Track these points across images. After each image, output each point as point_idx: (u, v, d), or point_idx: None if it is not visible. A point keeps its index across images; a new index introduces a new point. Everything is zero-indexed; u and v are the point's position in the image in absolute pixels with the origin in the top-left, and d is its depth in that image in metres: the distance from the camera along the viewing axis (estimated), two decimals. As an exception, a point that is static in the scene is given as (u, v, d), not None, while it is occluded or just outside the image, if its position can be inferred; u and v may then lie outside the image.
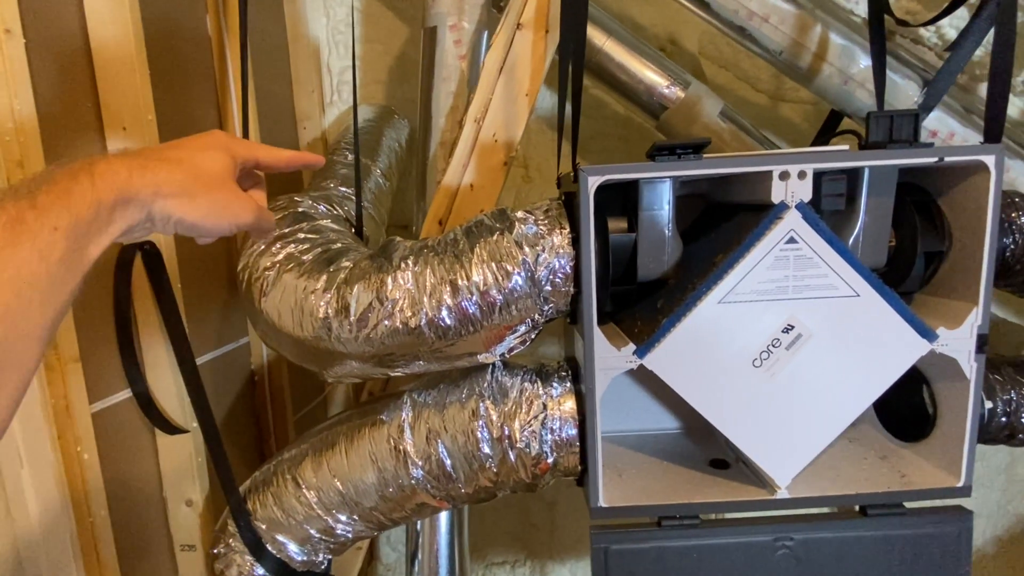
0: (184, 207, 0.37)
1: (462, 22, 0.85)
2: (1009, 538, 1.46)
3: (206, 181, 0.38)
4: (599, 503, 0.60)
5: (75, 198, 0.32)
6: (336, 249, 0.62)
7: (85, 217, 0.32)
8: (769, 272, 0.55)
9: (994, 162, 0.54)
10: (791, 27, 0.81)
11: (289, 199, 0.76)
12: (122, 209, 0.34)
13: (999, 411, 0.64)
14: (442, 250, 0.58)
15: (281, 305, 0.59)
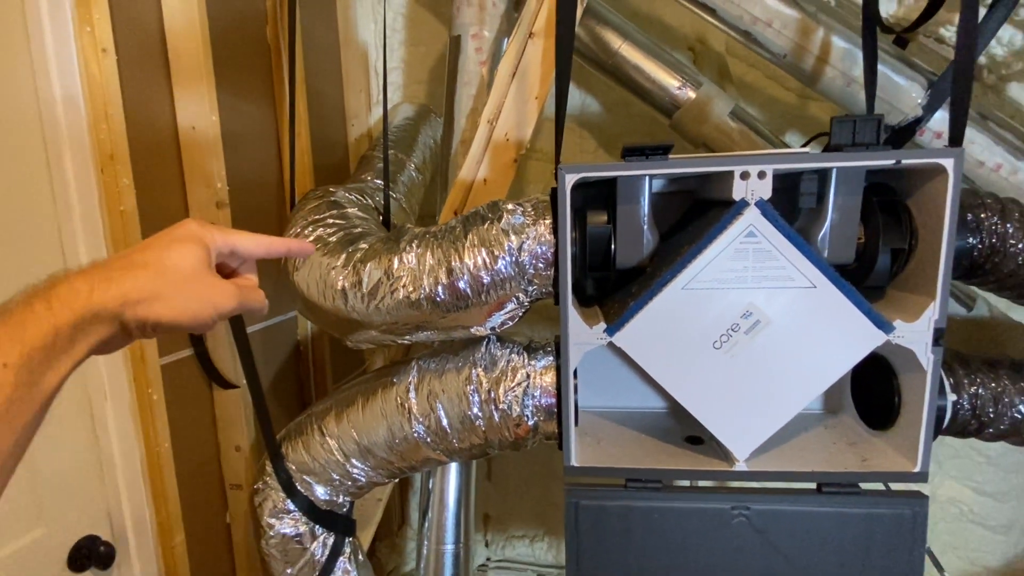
0: (157, 310, 0.35)
1: (483, 31, 0.93)
2: (1046, 555, 1.40)
3: (176, 279, 0.36)
4: (571, 462, 0.68)
5: (28, 329, 0.31)
6: (357, 233, 0.73)
7: (40, 346, 0.31)
8: (730, 263, 0.61)
9: (952, 165, 0.57)
10: (793, 31, 0.84)
11: (325, 189, 0.88)
12: (86, 328, 0.33)
13: (965, 405, 0.66)
14: (442, 236, 0.67)
15: (309, 279, 0.70)
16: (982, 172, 0.82)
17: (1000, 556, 1.39)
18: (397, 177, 1.15)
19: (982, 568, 1.42)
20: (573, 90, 1.41)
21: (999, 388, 0.66)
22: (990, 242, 0.62)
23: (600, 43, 1.02)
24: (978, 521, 1.39)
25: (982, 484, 1.36)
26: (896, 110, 0.82)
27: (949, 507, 1.40)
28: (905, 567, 0.66)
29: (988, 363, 0.69)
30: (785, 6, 0.84)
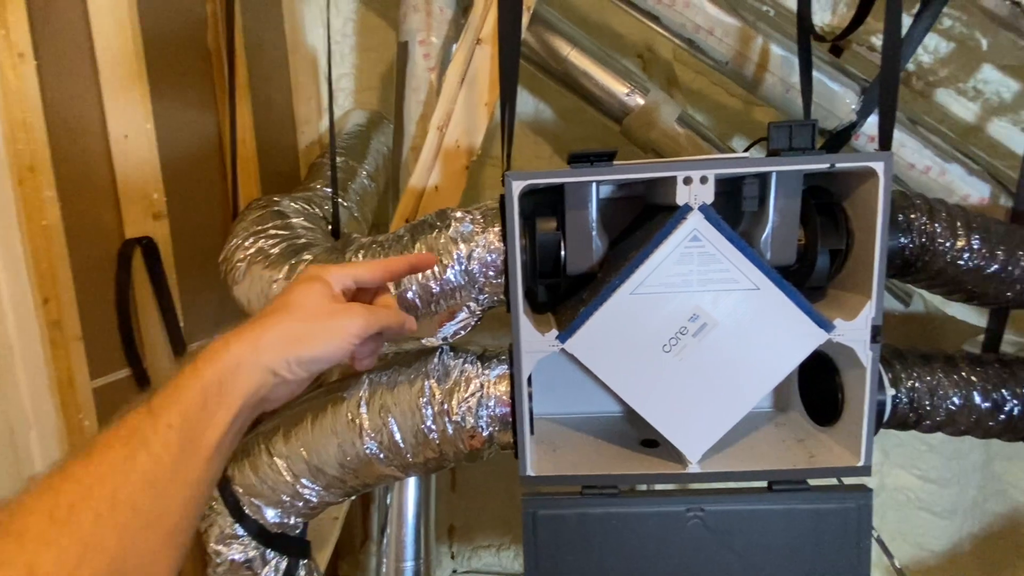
0: (291, 346, 0.37)
1: (431, 37, 0.92)
2: (985, 536, 1.48)
3: (302, 314, 0.39)
4: (527, 472, 0.67)
5: (182, 391, 0.34)
6: (301, 243, 0.70)
7: (194, 405, 0.34)
8: (676, 267, 0.62)
9: (883, 168, 0.59)
10: (734, 39, 0.87)
11: (269, 199, 0.85)
12: (232, 382, 0.35)
13: (904, 398, 0.69)
14: (389, 245, 0.66)
15: (250, 292, 0.67)
16: (913, 174, 0.86)
17: (946, 540, 1.46)
18: (348, 185, 1.12)
19: (929, 552, 1.48)
20: (526, 96, 1.41)
21: (934, 381, 0.69)
22: (920, 241, 0.65)
23: (549, 50, 1.03)
24: (924, 507, 1.45)
25: (926, 471, 1.43)
26: (832, 115, 0.86)
27: (897, 495, 1.46)
28: (852, 559, 0.68)
29: (923, 357, 0.71)
30: (725, 14, 0.86)
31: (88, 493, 0.29)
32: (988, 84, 0.92)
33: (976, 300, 0.69)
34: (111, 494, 0.29)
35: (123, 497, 0.29)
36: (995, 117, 0.96)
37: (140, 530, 0.30)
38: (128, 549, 0.29)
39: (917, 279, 0.68)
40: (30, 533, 0.27)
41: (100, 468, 0.30)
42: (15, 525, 0.27)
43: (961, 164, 0.87)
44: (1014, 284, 0.65)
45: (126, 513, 0.29)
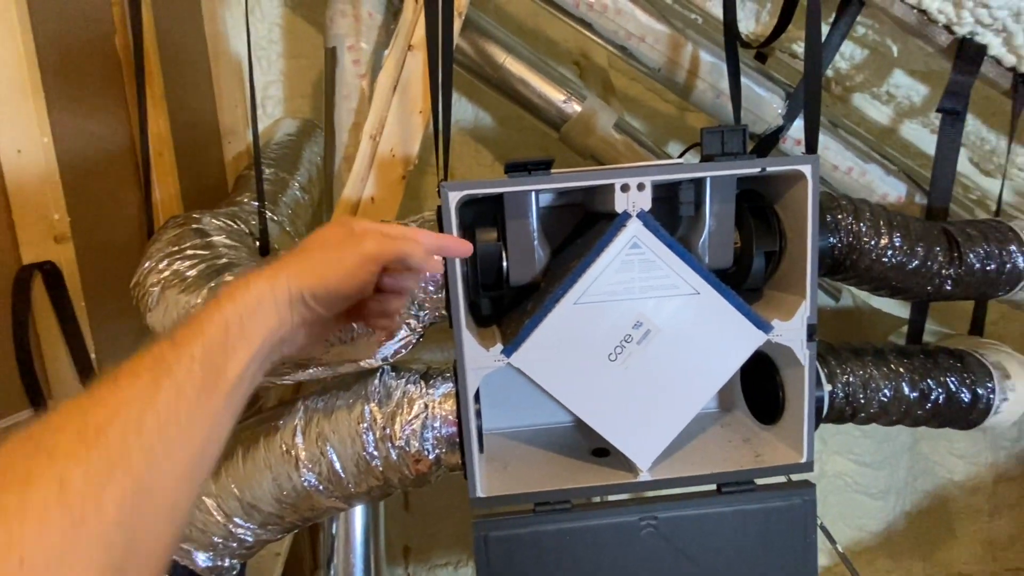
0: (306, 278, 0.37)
1: (360, 43, 0.89)
2: (917, 513, 1.57)
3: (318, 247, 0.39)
4: (477, 494, 0.64)
5: (203, 323, 0.34)
6: (223, 264, 0.65)
7: (215, 340, 0.34)
8: (618, 275, 0.61)
9: (810, 171, 0.61)
10: (665, 46, 0.88)
11: (188, 216, 0.79)
12: (251, 318, 0.35)
13: (840, 393, 0.71)
14: (318, 263, 0.62)
15: (165, 320, 0.62)
16: (837, 175, 0.90)
17: (881, 520, 1.54)
18: (278, 198, 1.06)
19: (868, 533, 1.56)
20: (465, 104, 1.39)
21: (867, 375, 0.72)
22: (847, 240, 0.67)
23: (485, 57, 1.01)
24: (861, 490, 1.52)
25: (861, 456, 1.50)
26: (761, 120, 0.88)
27: (836, 480, 1.52)
28: (800, 552, 0.69)
29: (855, 352, 0.74)
30: (656, 22, 0.87)
31: (115, 415, 0.29)
32: (900, 88, 0.98)
33: (900, 295, 0.72)
34: (137, 418, 0.29)
35: (149, 423, 0.29)
36: (907, 119, 1.02)
37: (164, 458, 0.30)
38: (153, 474, 0.29)
39: (846, 277, 0.70)
40: (60, 449, 0.26)
41: (127, 393, 0.30)
42: (45, 441, 0.27)
43: (879, 165, 0.91)
44: (933, 278, 0.69)
45: (151, 438, 0.29)
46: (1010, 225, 0.73)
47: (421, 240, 0.42)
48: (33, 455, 0.26)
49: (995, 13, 0.73)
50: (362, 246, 0.39)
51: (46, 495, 0.25)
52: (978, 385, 0.74)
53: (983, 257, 0.69)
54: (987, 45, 0.78)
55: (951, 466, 1.53)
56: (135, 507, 0.27)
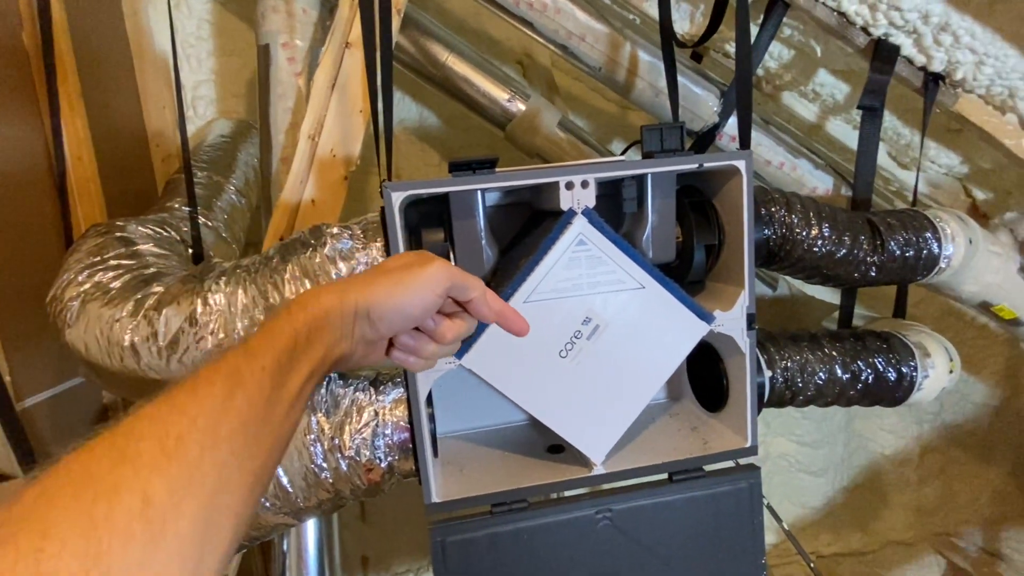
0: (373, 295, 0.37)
1: (294, 40, 0.85)
2: (854, 487, 1.67)
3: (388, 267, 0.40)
4: (432, 499, 0.63)
5: (275, 334, 0.34)
6: (150, 274, 0.61)
7: (285, 350, 0.34)
8: (565, 272, 0.61)
9: (744, 166, 0.63)
10: (605, 46, 0.89)
11: (110, 224, 0.73)
12: (318, 330, 0.35)
13: (779, 378, 0.75)
14: (256, 269, 0.59)
15: (87, 336, 0.57)
16: (770, 170, 0.94)
17: (822, 496, 1.63)
18: (213, 203, 1.01)
19: (810, 509, 1.64)
20: (410, 103, 1.37)
21: (803, 359, 0.76)
22: (781, 232, 0.70)
23: (427, 55, 1.00)
24: (802, 469, 1.60)
25: (801, 436, 1.58)
26: (698, 117, 0.91)
27: (780, 461, 1.60)
28: (748, 533, 0.71)
29: (791, 338, 0.78)
30: (595, 21, 0.88)
31: (193, 425, 0.29)
32: (824, 87, 1.03)
33: (830, 282, 0.76)
34: (213, 429, 0.29)
35: (223, 433, 0.30)
36: (832, 116, 1.08)
37: (235, 469, 0.30)
38: (224, 486, 0.29)
39: (781, 267, 0.73)
40: (143, 459, 0.27)
41: (204, 402, 0.30)
42: (129, 450, 0.27)
43: (808, 159, 0.96)
44: (859, 265, 0.73)
45: (224, 450, 0.30)
46: (925, 214, 0.79)
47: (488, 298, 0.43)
48: (119, 464, 0.26)
49: (906, 16, 0.78)
50: (431, 266, 0.40)
51: (130, 508, 0.25)
52: (902, 364, 0.79)
53: (903, 244, 0.73)
54: (900, 46, 0.83)
55: (882, 441, 1.63)
56: (207, 521, 0.28)
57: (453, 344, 0.44)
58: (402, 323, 0.40)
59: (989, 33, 0.77)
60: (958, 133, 1.04)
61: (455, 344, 0.44)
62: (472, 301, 0.42)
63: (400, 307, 0.38)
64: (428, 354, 0.43)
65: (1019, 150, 0.88)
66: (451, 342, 0.43)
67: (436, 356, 0.43)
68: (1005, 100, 0.85)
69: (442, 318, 0.42)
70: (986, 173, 1.08)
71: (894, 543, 1.68)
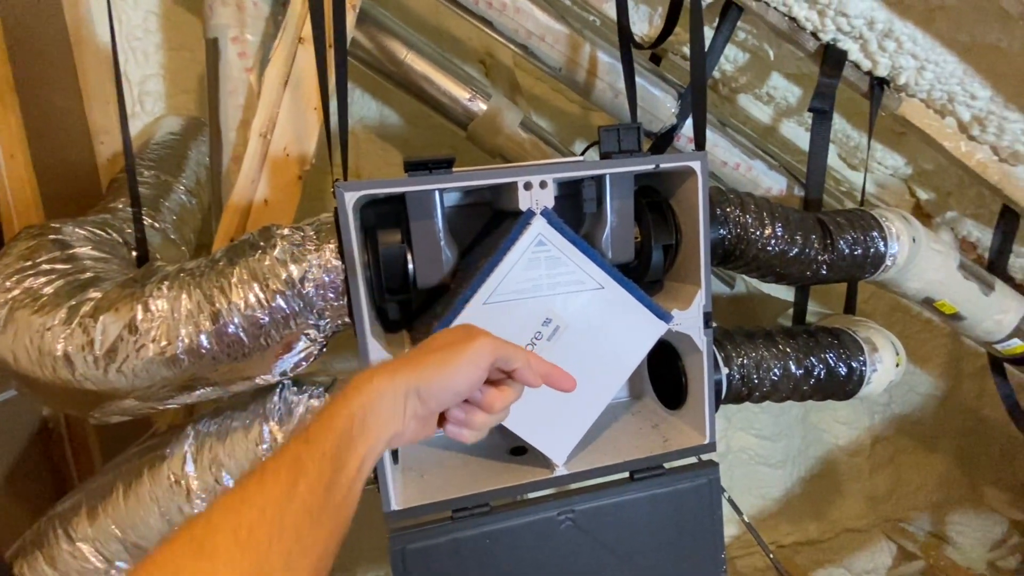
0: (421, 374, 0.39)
1: (245, 34, 0.82)
2: (811, 477, 1.72)
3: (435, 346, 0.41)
4: (391, 507, 0.62)
5: (332, 419, 0.35)
6: (86, 279, 0.58)
7: (343, 434, 0.35)
8: (525, 273, 0.61)
9: (700, 167, 0.64)
10: (565, 46, 0.89)
11: (45, 226, 0.69)
12: (372, 412, 0.36)
13: (736, 375, 0.76)
14: (201, 273, 0.56)
15: (15, 346, 0.54)
16: (726, 171, 0.96)
17: (781, 487, 1.68)
18: (160, 203, 0.97)
19: (770, 500, 1.69)
20: (370, 101, 1.34)
21: (759, 356, 0.77)
22: (736, 232, 0.71)
23: (386, 52, 0.98)
24: (762, 461, 1.65)
25: (761, 430, 1.62)
26: (656, 119, 0.92)
27: (741, 454, 1.64)
28: (708, 527, 0.73)
29: (747, 335, 0.79)
30: (555, 21, 0.88)
31: (262, 517, 0.31)
32: (777, 90, 1.06)
33: (783, 280, 0.78)
34: (280, 519, 0.31)
35: (288, 523, 0.31)
36: (785, 119, 1.11)
37: (299, 557, 0.32)
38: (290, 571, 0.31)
39: (737, 266, 0.75)
40: (219, 553, 0.29)
41: (271, 493, 0.32)
42: (207, 544, 0.29)
43: (763, 160, 0.99)
44: (810, 264, 0.75)
45: (290, 538, 0.31)
46: (872, 213, 0.82)
47: (533, 363, 0.44)
48: (197, 557, 0.29)
49: (852, 22, 0.81)
50: (476, 341, 0.41)
51: None
52: (853, 359, 0.81)
53: (851, 243, 0.76)
54: (847, 51, 0.86)
55: (836, 432, 1.69)
56: None
57: (503, 413, 0.45)
58: (451, 399, 0.41)
59: (929, 40, 0.81)
60: (902, 136, 1.09)
61: (505, 412, 0.45)
62: (517, 371, 0.43)
63: (448, 384, 0.40)
64: (479, 425, 0.44)
65: (958, 152, 0.92)
66: (500, 411, 0.44)
67: (487, 425, 0.44)
68: (945, 104, 0.88)
69: (489, 388, 0.43)
70: (928, 174, 1.13)
71: (848, 530, 1.74)
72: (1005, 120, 0.86)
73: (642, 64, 0.93)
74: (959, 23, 0.77)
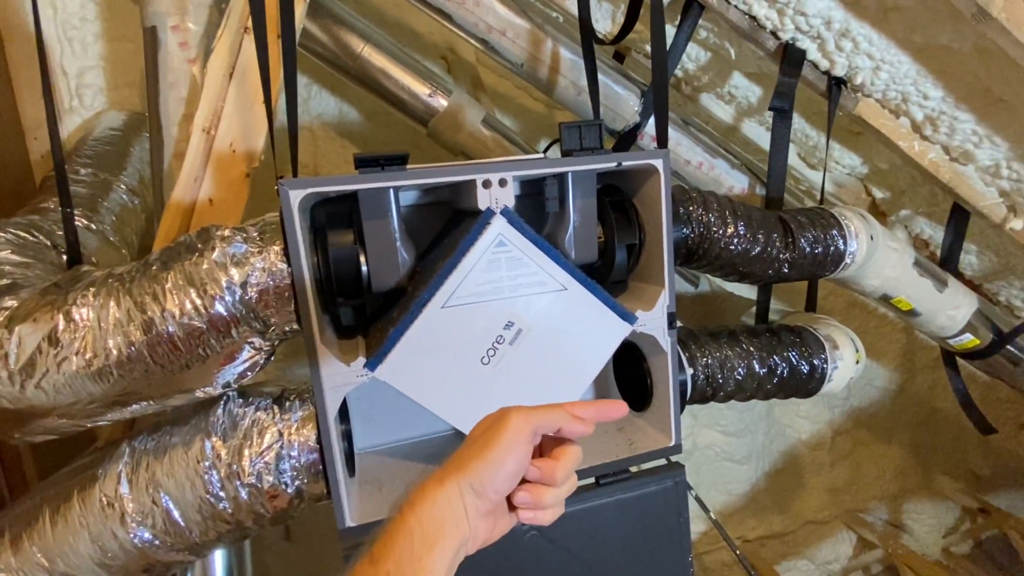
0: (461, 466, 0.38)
1: (186, 23, 0.77)
2: (775, 471, 1.75)
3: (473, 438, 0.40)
4: (346, 524, 0.58)
5: (395, 536, 0.36)
6: (3, 285, 0.53)
7: (405, 552, 0.35)
8: (485, 274, 0.58)
9: (662, 165, 0.63)
10: (526, 42, 0.87)
11: (-42, 228, 0.63)
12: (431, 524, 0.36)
13: (700, 375, 0.75)
14: (132, 278, 0.52)
15: (-82, 361, 0.48)
16: (689, 169, 0.96)
17: (746, 483, 1.70)
18: (99, 203, 0.91)
19: (736, 496, 1.71)
20: (328, 97, 1.30)
21: (723, 356, 0.77)
22: (699, 231, 0.71)
23: (341, 45, 0.94)
24: (728, 458, 1.67)
25: (726, 426, 1.64)
26: (620, 117, 0.91)
27: (707, 451, 1.65)
28: (675, 530, 0.72)
29: (711, 335, 0.79)
30: (516, 16, 0.86)
31: None
32: (739, 89, 1.07)
33: (746, 279, 0.78)
34: None
35: None
36: (747, 118, 1.12)
37: None
38: None
39: (700, 265, 0.74)
40: None
41: None
42: None
43: (725, 159, 0.99)
44: (772, 262, 0.75)
45: None
46: (832, 212, 0.82)
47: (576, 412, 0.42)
48: None
49: (810, 21, 0.81)
50: (508, 418, 0.40)
51: None
52: (814, 357, 0.82)
53: (812, 241, 0.76)
54: (806, 50, 0.86)
55: (799, 427, 1.73)
56: None
57: (570, 481, 0.43)
58: (506, 483, 0.40)
59: (884, 40, 0.82)
60: (859, 136, 1.11)
61: (572, 480, 0.43)
62: (562, 430, 0.42)
63: (497, 470, 0.39)
64: (550, 502, 0.42)
65: (911, 152, 0.94)
66: (564, 480, 0.42)
67: (560, 499, 0.42)
68: (899, 104, 0.90)
69: (547, 461, 0.42)
70: (883, 173, 1.15)
71: (811, 522, 1.78)
72: (956, 120, 0.88)
73: (605, 62, 0.92)
74: (913, 24, 0.79)
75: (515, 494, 0.41)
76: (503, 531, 0.42)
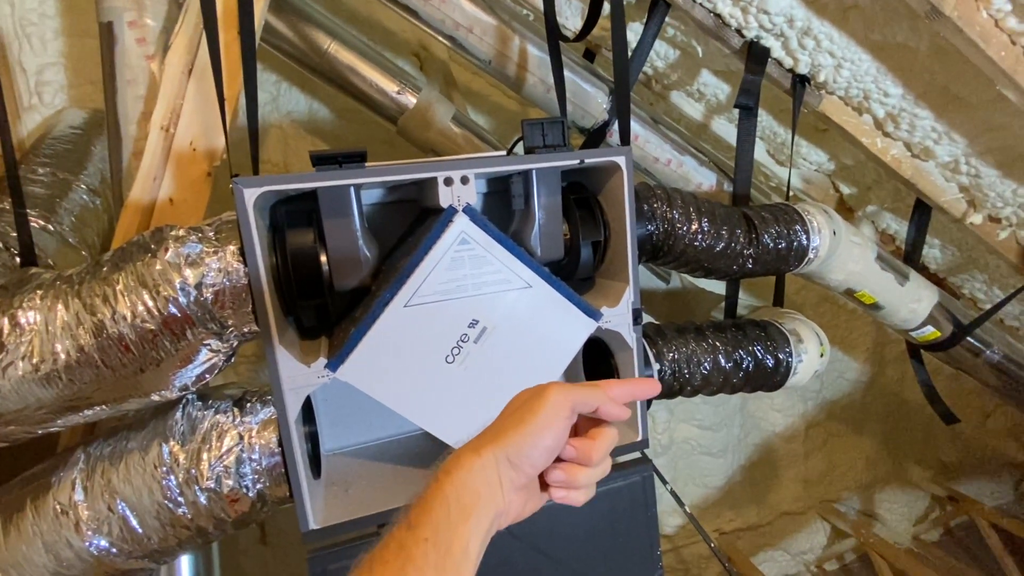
0: (498, 437, 0.38)
1: (144, 19, 0.76)
2: (750, 464, 1.78)
3: (509, 411, 0.41)
4: (309, 527, 0.58)
5: (431, 503, 0.36)
6: (-55, 290, 0.51)
7: (441, 519, 0.35)
8: (449, 272, 0.58)
9: (624, 162, 0.63)
10: (493, 38, 0.87)
11: (-98, 230, 0.61)
12: (467, 492, 0.36)
13: (667, 370, 0.76)
14: (80, 280, 0.51)
15: None
16: (658, 167, 0.96)
17: (722, 475, 1.72)
18: (57, 203, 0.88)
19: (712, 489, 1.73)
20: (298, 95, 1.28)
21: (689, 351, 0.78)
22: (664, 227, 0.71)
23: (308, 42, 0.92)
24: (704, 451, 1.68)
25: (702, 420, 1.66)
26: (588, 114, 0.91)
27: (684, 445, 1.67)
28: (643, 524, 0.72)
29: (678, 330, 0.80)
30: (483, 12, 0.86)
31: None
32: (707, 87, 1.08)
33: (712, 275, 0.78)
34: None
35: None
36: (716, 115, 1.13)
37: None
38: None
39: (666, 261, 0.75)
40: None
41: None
42: None
43: (693, 156, 0.99)
44: (737, 258, 0.76)
45: None
46: (795, 208, 0.84)
47: (610, 391, 0.42)
48: None
49: (773, 19, 0.82)
50: (548, 392, 0.40)
51: None
52: (779, 351, 0.83)
53: (775, 237, 0.77)
54: (770, 48, 0.87)
55: (773, 420, 1.75)
56: None
57: (604, 464, 0.42)
58: (542, 457, 0.39)
59: (845, 38, 0.83)
60: (825, 132, 1.12)
61: (606, 462, 0.42)
62: (600, 409, 0.41)
63: (534, 442, 0.39)
64: (584, 482, 0.42)
65: (874, 148, 0.96)
66: (600, 461, 0.42)
67: (593, 480, 0.42)
68: (861, 102, 0.92)
69: (584, 440, 0.41)
70: (849, 169, 1.17)
71: (786, 514, 1.81)
72: (916, 117, 0.90)
73: (574, 59, 0.92)
74: (871, 22, 0.80)
75: (549, 472, 0.41)
76: (534, 509, 0.42)
